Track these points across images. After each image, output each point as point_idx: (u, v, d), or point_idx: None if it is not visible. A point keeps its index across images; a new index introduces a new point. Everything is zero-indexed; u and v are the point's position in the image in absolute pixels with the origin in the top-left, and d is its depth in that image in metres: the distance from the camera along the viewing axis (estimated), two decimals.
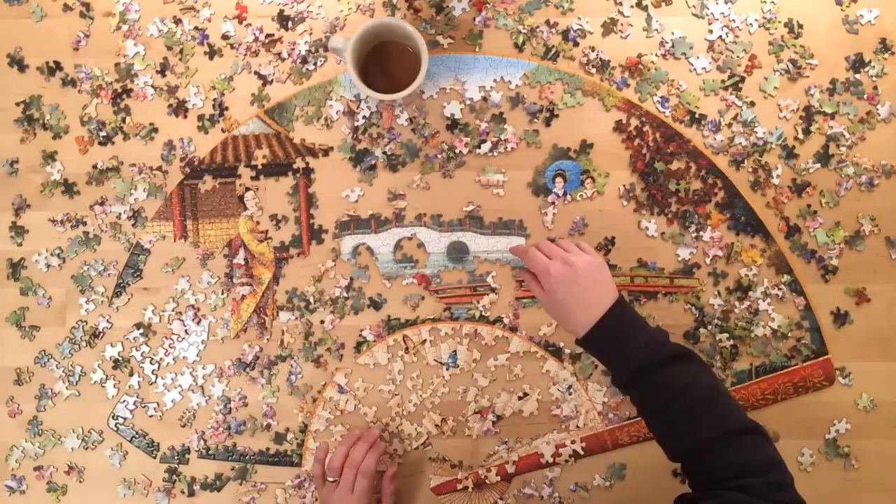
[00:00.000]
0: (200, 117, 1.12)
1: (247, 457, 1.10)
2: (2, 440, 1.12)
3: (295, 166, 1.11)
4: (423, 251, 1.11)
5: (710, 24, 1.10)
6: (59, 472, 1.11)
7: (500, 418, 1.09)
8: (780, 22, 1.10)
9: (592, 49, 1.10)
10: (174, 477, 1.10)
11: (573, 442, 1.08)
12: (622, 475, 1.08)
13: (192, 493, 1.10)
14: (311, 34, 1.12)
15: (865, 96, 1.09)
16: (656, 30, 1.11)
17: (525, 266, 1.00)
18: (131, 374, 1.11)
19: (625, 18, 1.11)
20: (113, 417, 1.11)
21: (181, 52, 1.12)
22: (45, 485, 1.11)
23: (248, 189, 1.11)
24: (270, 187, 1.11)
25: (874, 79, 1.10)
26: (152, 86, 1.12)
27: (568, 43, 1.11)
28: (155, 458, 1.10)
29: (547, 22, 1.11)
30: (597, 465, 1.09)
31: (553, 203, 1.10)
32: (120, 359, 1.11)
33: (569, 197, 1.10)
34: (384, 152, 1.11)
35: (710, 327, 1.08)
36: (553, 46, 1.11)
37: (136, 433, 1.11)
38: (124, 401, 1.11)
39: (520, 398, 1.09)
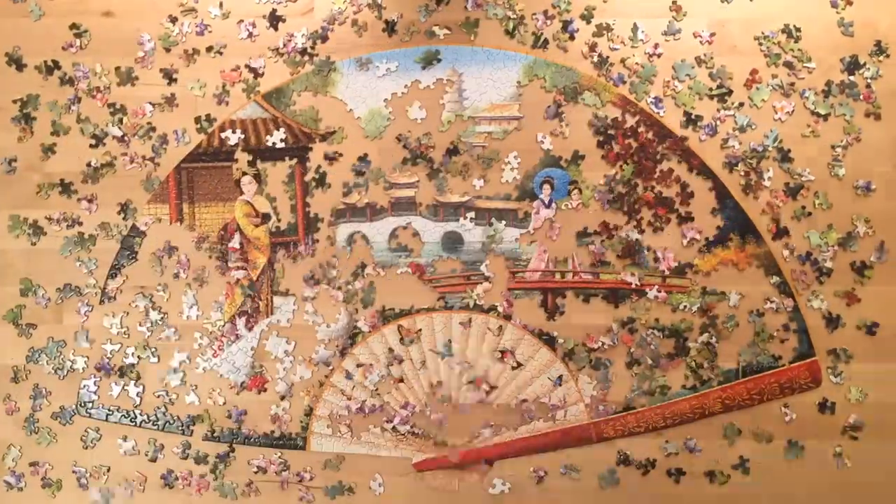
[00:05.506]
0: (198, 119, 1.12)
1: (251, 439, 1.11)
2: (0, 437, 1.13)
3: (294, 149, 1.12)
4: (419, 240, 1.12)
5: (701, 36, 1.11)
6: (53, 469, 1.12)
7: (494, 388, 1.10)
8: (779, 31, 1.10)
9: (594, 46, 1.11)
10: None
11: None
12: (615, 478, 1.10)
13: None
14: (307, 28, 1.12)
15: (861, 97, 1.10)
16: (641, 40, 1.11)
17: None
18: (139, 379, 1.12)
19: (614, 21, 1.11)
20: (81, 405, 1.12)
21: (185, 52, 1.13)
22: (39, 481, 1.12)
23: (244, 173, 1.12)
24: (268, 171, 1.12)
25: (869, 80, 1.10)
26: (151, 103, 1.12)
27: (565, 34, 1.11)
28: (137, 426, 1.11)
29: (545, 13, 1.11)
30: (592, 459, 1.10)
31: (537, 211, 1.10)
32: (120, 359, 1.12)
33: (553, 205, 1.11)
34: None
35: (692, 331, 1.10)
36: (542, 35, 1.11)
37: (109, 410, 1.12)
38: (84, 385, 1.12)
39: (513, 368, 1.10)
